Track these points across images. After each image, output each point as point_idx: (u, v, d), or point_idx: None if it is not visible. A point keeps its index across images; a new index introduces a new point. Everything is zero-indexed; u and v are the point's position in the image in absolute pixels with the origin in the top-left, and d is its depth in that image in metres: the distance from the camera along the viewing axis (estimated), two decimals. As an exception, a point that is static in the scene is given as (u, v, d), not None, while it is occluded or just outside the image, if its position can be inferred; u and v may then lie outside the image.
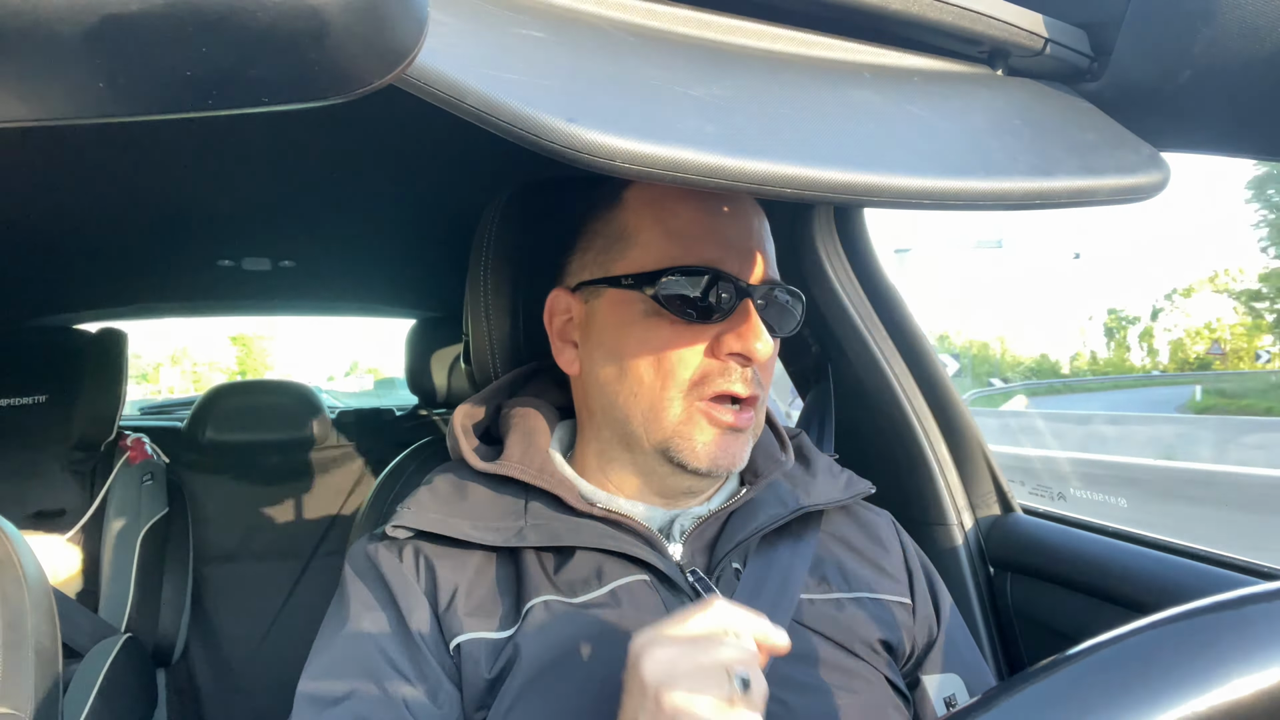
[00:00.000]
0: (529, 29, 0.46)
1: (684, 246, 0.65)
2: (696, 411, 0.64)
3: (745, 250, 0.67)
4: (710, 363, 0.64)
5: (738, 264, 0.66)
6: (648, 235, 0.67)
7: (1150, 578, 0.90)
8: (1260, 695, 0.30)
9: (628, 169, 0.41)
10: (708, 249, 0.65)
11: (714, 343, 0.64)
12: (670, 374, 0.64)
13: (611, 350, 0.67)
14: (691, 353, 0.64)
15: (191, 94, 0.27)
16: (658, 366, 0.64)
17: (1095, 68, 0.65)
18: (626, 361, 0.66)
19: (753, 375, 0.65)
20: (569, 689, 0.60)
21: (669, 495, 0.70)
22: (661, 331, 0.64)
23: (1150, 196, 0.56)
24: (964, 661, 0.75)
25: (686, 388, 0.64)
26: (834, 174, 0.45)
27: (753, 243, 0.68)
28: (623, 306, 0.67)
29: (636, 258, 0.67)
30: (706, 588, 0.65)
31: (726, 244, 0.66)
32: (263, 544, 2.13)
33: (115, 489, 1.78)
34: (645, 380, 0.65)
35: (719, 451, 0.65)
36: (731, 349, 0.63)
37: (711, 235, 0.66)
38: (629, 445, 0.68)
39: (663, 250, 0.66)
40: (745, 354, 0.63)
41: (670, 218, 0.66)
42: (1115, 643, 0.32)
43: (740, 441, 0.66)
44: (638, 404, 0.66)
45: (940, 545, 1.12)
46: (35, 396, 1.73)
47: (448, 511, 0.67)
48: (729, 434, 0.65)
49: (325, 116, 0.99)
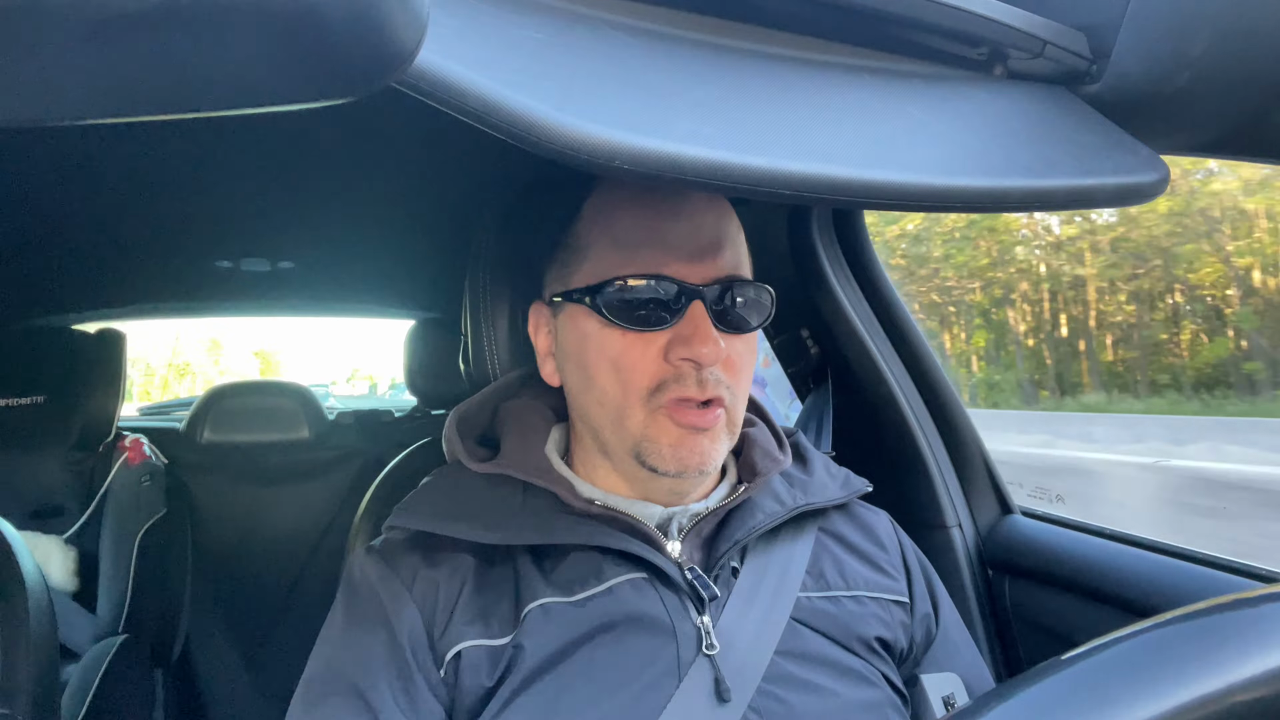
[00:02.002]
0: (529, 29, 0.46)
1: (627, 255, 0.66)
2: (659, 415, 0.64)
3: (692, 251, 0.66)
4: (665, 367, 0.64)
5: (684, 266, 0.65)
6: (596, 247, 0.68)
7: (1149, 581, 0.90)
8: (1259, 697, 0.30)
9: (628, 170, 0.41)
10: (650, 255, 0.65)
11: (666, 347, 0.64)
12: (629, 382, 0.65)
13: (577, 362, 0.69)
14: (646, 360, 0.64)
15: (191, 94, 0.27)
16: (617, 376, 0.65)
17: (1094, 70, 0.65)
18: (590, 372, 0.67)
19: (711, 377, 0.64)
20: (567, 687, 0.60)
21: (655, 494, 0.70)
22: (615, 342, 0.65)
23: (1149, 199, 0.56)
24: (962, 660, 0.75)
25: (645, 395, 0.64)
26: (833, 175, 0.45)
27: (701, 242, 0.66)
28: (581, 319, 0.68)
29: (589, 270, 0.67)
30: (705, 586, 0.65)
31: (670, 247, 0.65)
32: (261, 545, 2.13)
33: (114, 489, 1.78)
34: (609, 390, 0.66)
35: (686, 453, 0.64)
36: (680, 354, 0.63)
37: (654, 240, 0.66)
38: (606, 451, 0.69)
39: (609, 261, 0.66)
40: (692, 358, 0.63)
41: (614, 226, 0.67)
42: (1114, 645, 0.32)
43: (708, 440, 0.65)
44: (605, 412, 0.67)
45: (939, 548, 1.12)
46: (34, 397, 1.73)
47: (444, 512, 0.67)
48: (694, 434, 0.64)
49: (325, 116, 0.99)
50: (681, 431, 0.64)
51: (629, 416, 0.65)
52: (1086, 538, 1.01)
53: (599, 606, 0.63)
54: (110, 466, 1.82)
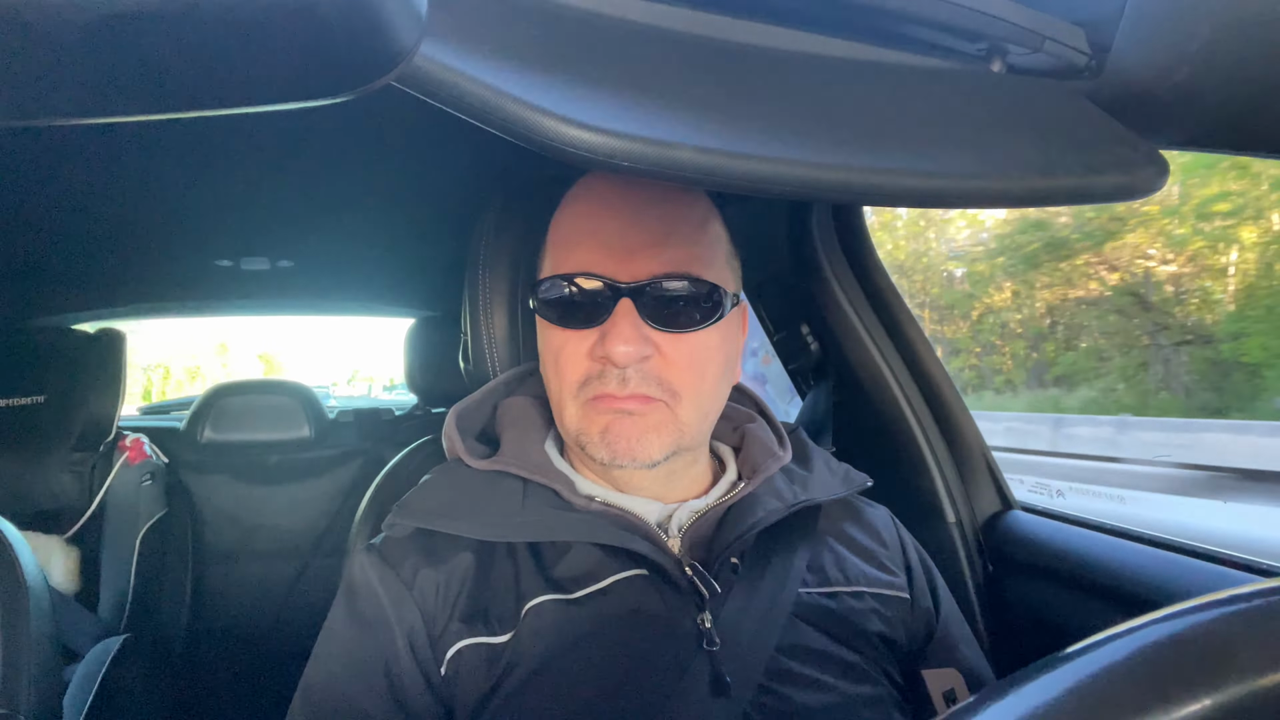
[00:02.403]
0: (529, 29, 0.46)
1: (562, 254, 0.68)
2: (589, 406, 0.66)
3: (621, 249, 0.65)
4: (593, 365, 0.65)
5: (614, 265, 0.65)
6: (549, 246, 0.71)
7: (1149, 575, 0.90)
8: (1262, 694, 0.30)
9: (627, 168, 0.41)
10: (580, 255, 0.66)
11: (593, 346, 0.65)
12: (563, 377, 0.67)
13: (541, 356, 0.72)
14: (577, 356, 0.66)
15: (191, 94, 0.27)
16: (556, 370, 0.68)
17: (1093, 65, 0.65)
18: (543, 366, 0.71)
19: (632, 375, 0.64)
20: (567, 684, 0.60)
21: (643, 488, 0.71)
22: (554, 338, 0.68)
23: (1149, 194, 0.56)
24: (963, 656, 0.76)
25: (576, 389, 0.66)
26: (833, 173, 0.45)
27: (633, 240, 0.65)
28: (536, 315, 0.71)
29: (544, 268, 0.71)
30: (705, 582, 0.65)
31: (602, 246, 0.66)
32: (262, 543, 2.14)
33: (114, 489, 1.78)
34: (553, 386, 0.69)
35: (614, 438, 0.64)
36: (598, 352, 0.64)
37: (586, 240, 0.66)
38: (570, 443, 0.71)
39: (550, 261, 0.70)
40: (608, 358, 0.64)
41: (559, 227, 0.70)
42: (1114, 640, 0.32)
43: (638, 428, 0.64)
44: (555, 405, 0.70)
45: (938, 543, 1.12)
46: (34, 396, 1.73)
47: (444, 509, 0.67)
48: (620, 419, 0.64)
49: (325, 116, 0.99)
50: (607, 419, 0.65)
51: (565, 410, 0.67)
52: (1086, 533, 1.01)
53: (599, 604, 0.63)
54: (111, 466, 1.82)
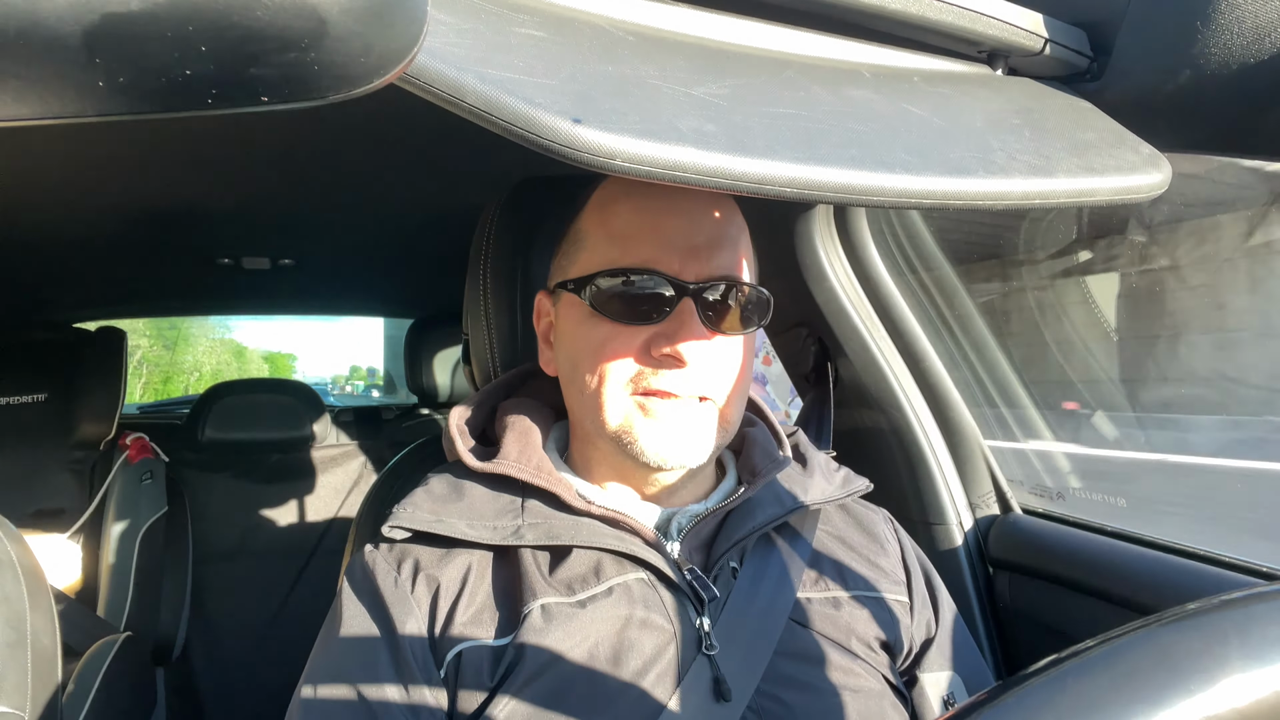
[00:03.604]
0: (529, 29, 0.46)
1: (621, 248, 0.66)
2: (634, 406, 0.65)
3: (688, 248, 0.65)
4: (647, 361, 0.64)
5: (678, 262, 0.65)
6: (593, 239, 0.68)
7: (1149, 578, 0.90)
8: (1262, 695, 0.30)
9: (627, 169, 0.41)
10: (644, 249, 0.65)
11: (649, 342, 0.64)
12: (608, 374, 0.65)
13: (567, 351, 0.70)
14: (627, 352, 0.65)
15: (191, 94, 0.27)
16: (597, 367, 0.65)
17: (1095, 67, 0.65)
18: (576, 361, 0.68)
19: (692, 376, 0.64)
20: (568, 687, 0.60)
21: (652, 492, 0.70)
22: (600, 332, 0.66)
23: (1150, 196, 0.56)
24: (963, 660, 0.75)
25: (622, 385, 0.65)
26: (834, 174, 0.45)
27: (697, 239, 0.66)
28: (573, 309, 0.68)
29: (584, 261, 0.68)
30: (704, 586, 0.65)
31: (665, 243, 0.65)
32: (262, 542, 2.14)
33: (115, 487, 1.78)
34: (589, 380, 0.66)
35: (664, 442, 0.64)
36: (662, 350, 0.63)
37: (649, 235, 0.66)
38: (593, 441, 0.70)
39: (603, 253, 0.67)
40: (674, 356, 0.63)
41: (612, 219, 0.68)
42: (1114, 642, 0.32)
43: (688, 429, 0.65)
44: (585, 402, 0.67)
45: (939, 545, 1.12)
46: (35, 395, 1.73)
47: (444, 511, 0.67)
48: (672, 425, 0.64)
49: (325, 116, 0.99)
50: (657, 419, 0.64)
51: (607, 407, 0.65)
52: (1087, 535, 1.01)
53: (599, 607, 0.63)
54: (111, 464, 1.82)
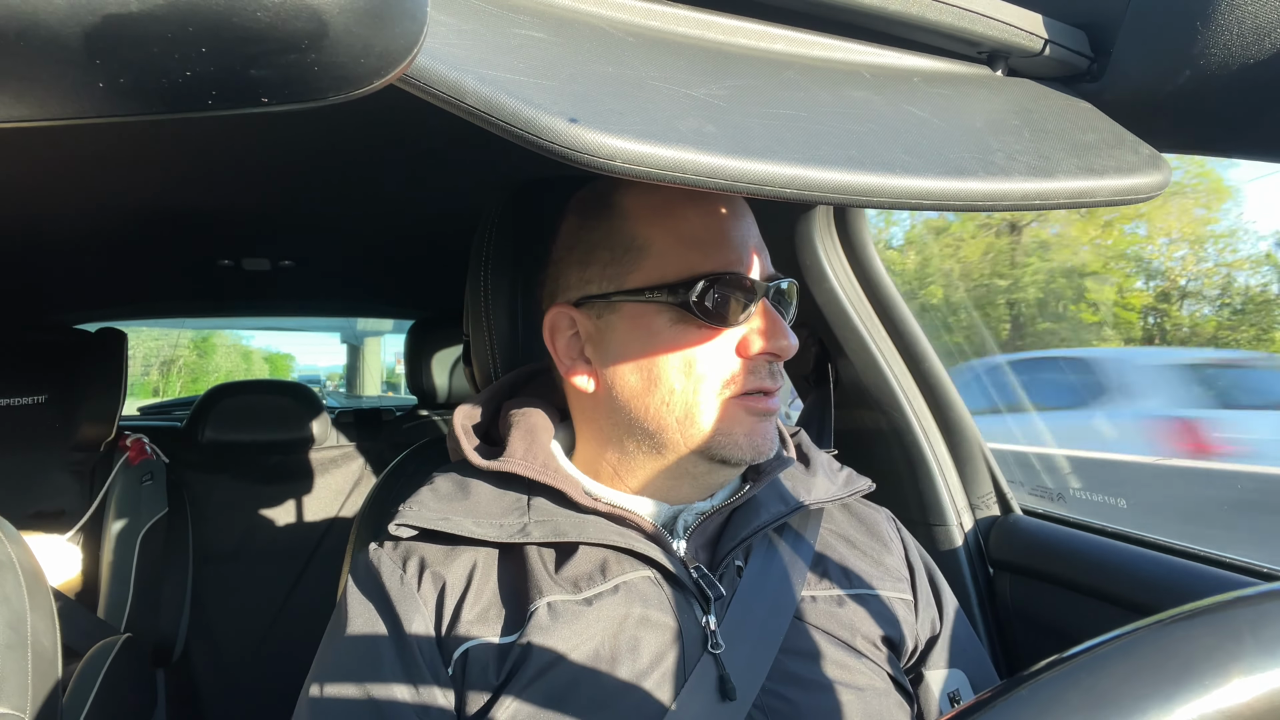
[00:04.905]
0: (529, 29, 0.46)
1: (703, 253, 0.65)
2: (734, 407, 0.66)
3: (754, 248, 0.68)
4: (740, 362, 0.66)
5: (747, 264, 0.67)
6: (661, 244, 0.66)
7: (1149, 578, 0.90)
8: (1265, 697, 0.30)
9: (628, 169, 0.41)
10: (724, 253, 0.66)
11: (741, 343, 0.66)
12: (703, 378, 0.65)
13: (636, 362, 0.67)
14: (722, 356, 0.65)
15: (191, 94, 0.27)
16: (689, 373, 0.65)
17: (1095, 68, 0.65)
18: (656, 371, 0.66)
19: (778, 369, 0.68)
20: (574, 685, 0.60)
21: (683, 493, 0.70)
22: (690, 338, 0.65)
23: (1150, 197, 0.56)
24: (967, 657, 0.75)
25: (719, 389, 0.65)
26: (834, 174, 0.45)
27: (754, 241, 0.69)
28: (646, 318, 0.66)
29: (654, 268, 0.66)
30: (710, 584, 0.65)
31: (737, 246, 0.67)
32: (262, 544, 2.13)
33: (115, 489, 1.78)
34: (678, 387, 0.65)
35: (760, 439, 0.67)
36: (762, 349, 0.65)
37: (724, 239, 0.66)
38: (661, 452, 0.68)
39: (682, 259, 0.65)
40: (775, 353, 0.66)
41: (682, 225, 0.66)
42: (1115, 642, 0.32)
43: (773, 426, 0.69)
44: (671, 412, 0.65)
45: (940, 545, 1.12)
46: (35, 396, 1.73)
47: (450, 510, 0.67)
48: (765, 421, 0.67)
49: (325, 116, 0.99)
50: (754, 419, 0.66)
51: (703, 413, 0.65)
52: (1087, 535, 1.01)
53: (605, 605, 0.63)
54: (111, 466, 1.82)
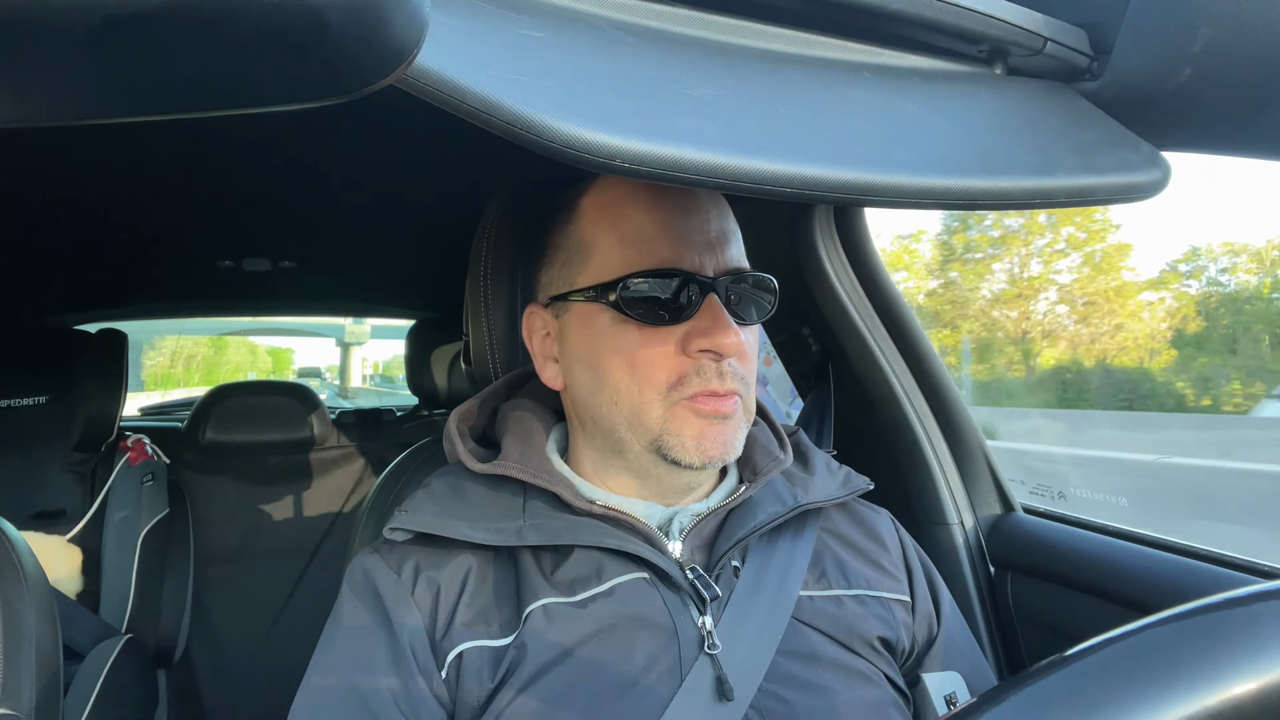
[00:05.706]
0: (529, 29, 0.46)
1: (639, 250, 0.65)
2: (682, 409, 0.64)
3: (703, 244, 0.66)
4: (684, 361, 0.64)
5: (696, 259, 0.65)
6: (604, 244, 0.67)
7: (1151, 577, 0.90)
8: (1264, 694, 0.30)
9: (628, 169, 0.41)
10: (663, 249, 0.65)
11: (683, 341, 0.64)
12: (646, 378, 0.64)
13: (587, 362, 0.68)
14: (663, 354, 0.64)
15: (191, 94, 0.27)
16: (632, 372, 0.65)
17: (1095, 67, 0.65)
18: (602, 370, 0.66)
19: (730, 369, 0.65)
20: (569, 687, 0.60)
21: (669, 493, 0.70)
22: (630, 337, 0.65)
23: (1150, 195, 0.56)
24: (964, 659, 0.75)
25: (664, 389, 0.64)
26: (834, 174, 0.45)
27: (710, 235, 0.67)
28: (591, 317, 0.67)
29: (597, 267, 0.67)
30: (706, 585, 0.65)
31: (682, 241, 0.66)
32: (263, 544, 2.14)
33: (116, 489, 1.78)
34: (622, 387, 0.65)
35: (709, 444, 0.64)
36: (700, 346, 0.63)
37: (666, 234, 0.66)
38: (621, 451, 0.68)
39: (620, 257, 0.66)
40: (714, 349, 0.63)
41: (624, 223, 0.67)
42: (1118, 641, 0.32)
43: (729, 429, 0.65)
44: (620, 411, 0.66)
45: (941, 545, 1.12)
46: (36, 397, 1.73)
47: (445, 513, 0.67)
48: (716, 423, 0.65)
49: (326, 117, 0.99)
50: (703, 422, 0.64)
51: (647, 413, 0.64)
52: (1088, 534, 1.01)
53: (601, 606, 0.63)
54: (112, 466, 1.82)
